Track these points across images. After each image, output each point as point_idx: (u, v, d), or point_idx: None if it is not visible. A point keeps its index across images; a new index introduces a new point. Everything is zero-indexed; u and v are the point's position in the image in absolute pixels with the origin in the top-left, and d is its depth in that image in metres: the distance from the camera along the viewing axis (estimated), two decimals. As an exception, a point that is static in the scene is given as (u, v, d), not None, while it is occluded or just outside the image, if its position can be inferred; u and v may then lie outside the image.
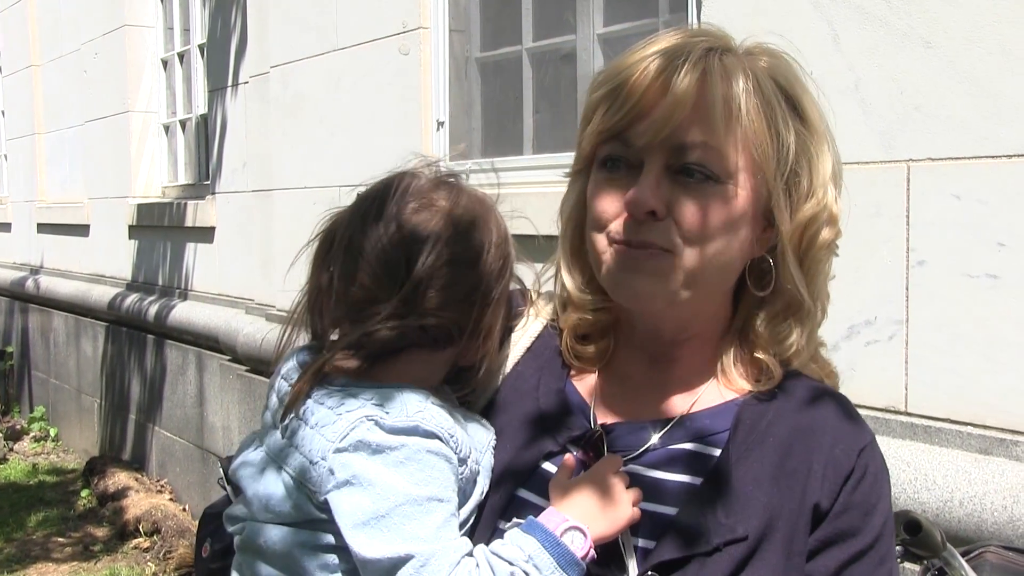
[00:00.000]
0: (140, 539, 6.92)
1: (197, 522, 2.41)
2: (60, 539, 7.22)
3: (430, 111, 4.88)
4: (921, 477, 2.61)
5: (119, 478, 7.84)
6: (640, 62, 1.44)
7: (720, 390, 1.56)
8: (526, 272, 1.73)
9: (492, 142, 4.90)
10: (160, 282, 8.21)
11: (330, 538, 1.50)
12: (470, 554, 1.44)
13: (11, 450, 9.77)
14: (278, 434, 1.59)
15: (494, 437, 1.62)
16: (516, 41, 4.73)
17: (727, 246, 1.45)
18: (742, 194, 1.44)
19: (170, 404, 7.76)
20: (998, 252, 2.54)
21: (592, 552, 1.43)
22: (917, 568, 1.84)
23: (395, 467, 1.45)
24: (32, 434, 10.25)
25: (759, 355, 1.53)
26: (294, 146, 5.79)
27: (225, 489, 2.11)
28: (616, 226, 1.46)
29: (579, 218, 1.59)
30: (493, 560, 1.41)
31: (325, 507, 1.49)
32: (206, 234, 7.38)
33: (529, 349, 1.71)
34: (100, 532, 7.33)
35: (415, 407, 1.51)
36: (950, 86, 2.63)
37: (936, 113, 2.66)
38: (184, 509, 7.32)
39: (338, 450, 1.48)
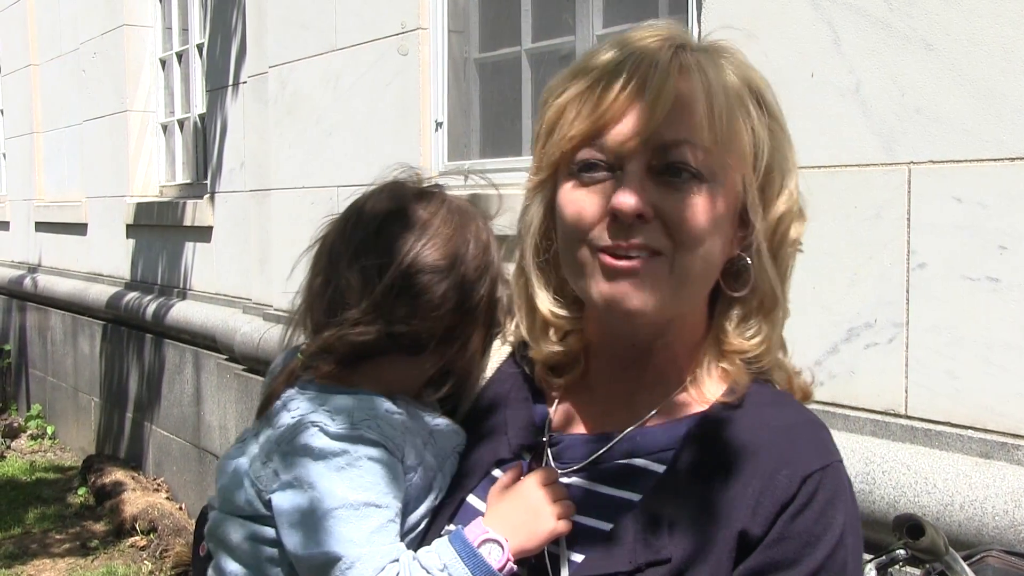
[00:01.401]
0: (137, 537, 6.93)
1: (194, 521, 2.41)
2: (58, 536, 7.24)
3: (428, 112, 4.87)
4: (921, 481, 2.60)
5: (116, 476, 7.85)
6: (610, 63, 1.40)
7: (689, 400, 1.50)
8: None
9: (490, 143, 4.89)
10: (157, 281, 8.20)
11: (274, 533, 1.55)
12: (398, 560, 1.46)
13: (9, 447, 9.79)
14: (252, 431, 1.65)
15: (462, 442, 1.64)
16: (515, 42, 4.72)
17: (714, 246, 1.41)
18: (725, 192, 1.40)
19: (167, 403, 7.76)
20: (999, 255, 2.54)
21: (511, 564, 1.43)
22: (919, 572, 1.83)
23: (335, 472, 1.50)
24: (29, 432, 10.28)
25: (725, 364, 1.48)
26: (292, 146, 5.79)
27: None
28: (599, 232, 1.39)
29: (545, 231, 1.53)
30: (413, 567, 1.45)
31: (271, 505, 1.54)
32: (204, 233, 7.37)
33: (511, 355, 1.71)
34: (97, 529, 7.34)
35: (362, 415, 1.54)
36: (951, 88, 2.63)
37: (937, 115, 2.65)
38: (180, 508, 7.33)
39: (284, 453, 1.54)
